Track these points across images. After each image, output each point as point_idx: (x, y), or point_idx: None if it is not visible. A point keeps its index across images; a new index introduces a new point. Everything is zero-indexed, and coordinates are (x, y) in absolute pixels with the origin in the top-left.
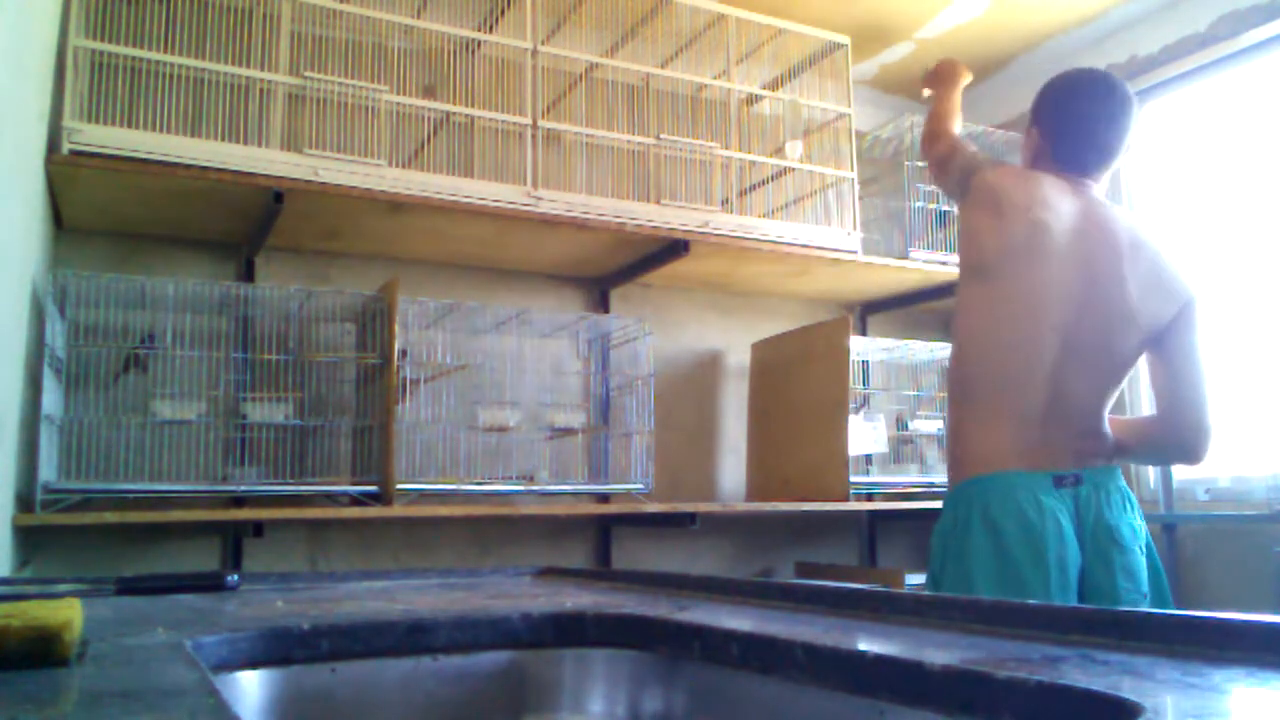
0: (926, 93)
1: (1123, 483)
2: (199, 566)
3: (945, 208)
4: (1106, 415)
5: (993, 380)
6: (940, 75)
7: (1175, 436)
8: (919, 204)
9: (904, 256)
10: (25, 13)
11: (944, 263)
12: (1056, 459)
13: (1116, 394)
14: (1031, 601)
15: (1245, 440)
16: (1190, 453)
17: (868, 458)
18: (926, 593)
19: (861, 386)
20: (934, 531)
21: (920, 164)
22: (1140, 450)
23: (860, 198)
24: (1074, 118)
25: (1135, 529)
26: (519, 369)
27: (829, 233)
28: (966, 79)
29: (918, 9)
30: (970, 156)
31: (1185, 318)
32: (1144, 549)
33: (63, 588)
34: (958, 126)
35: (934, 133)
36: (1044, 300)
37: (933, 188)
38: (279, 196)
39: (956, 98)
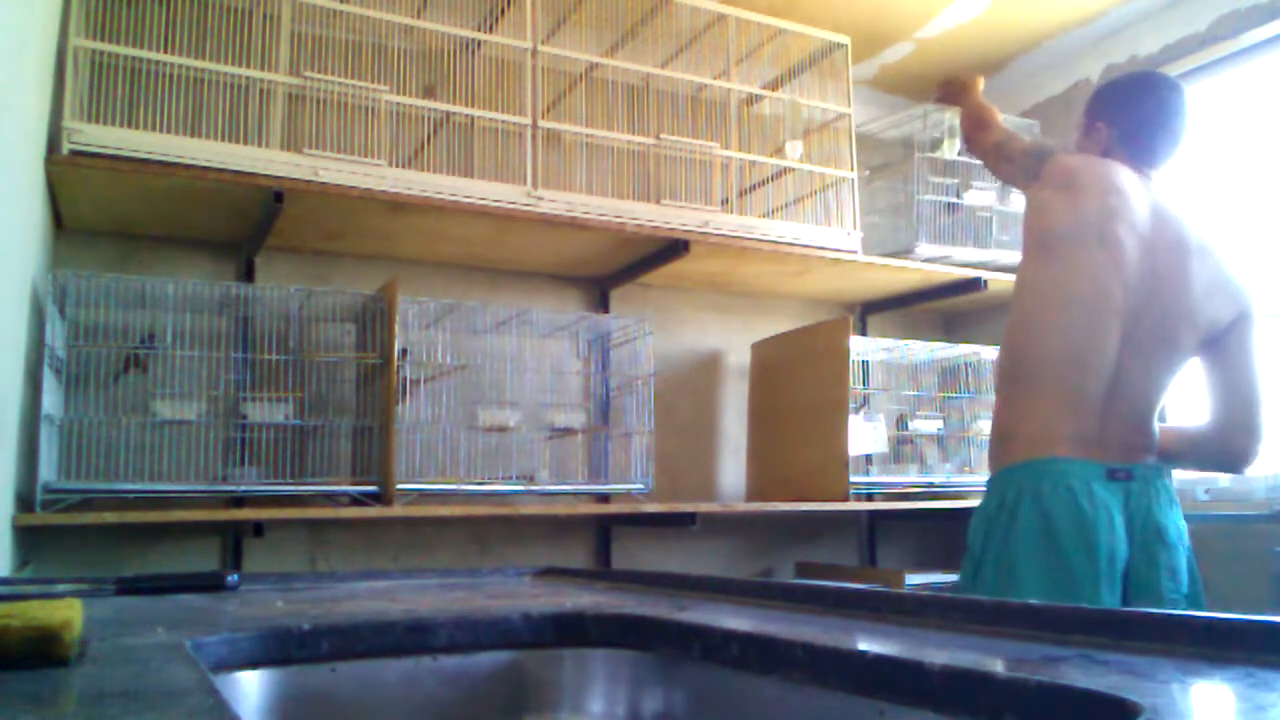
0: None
1: (1170, 481)
2: (199, 566)
3: (954, 200)
4: (1156, 414)
5: (1053, 361)
6: (952, 90)
7: (1226, 440)
8: (928, 197)
9: (909, 252)
10: (25, 13)
11: (948, 257)
12: (1109, 451)
13: (1167, 394)
14: (1045, 601)
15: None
16: (1241, 457)
17: (868, 458)
18: (962, 578)
19: (861, 386)
20: (976, 513)
21: (930, 154)
22: (1188, 455)
23: (870, 181)
24: (1150, 109)
25: (1180, 528)
26: (519, 369)
27: (829, 233)
28: (980, 85)
29: (918, 9)
30: (1036, 142)
31: (1244, 322)
32: (1186, 549)
33: (63, 588)
34: (1000, 118)
35: (982, 122)
36: (1111, 285)
37: (941, 179)
38: (279, 196)
39: (979, 98)
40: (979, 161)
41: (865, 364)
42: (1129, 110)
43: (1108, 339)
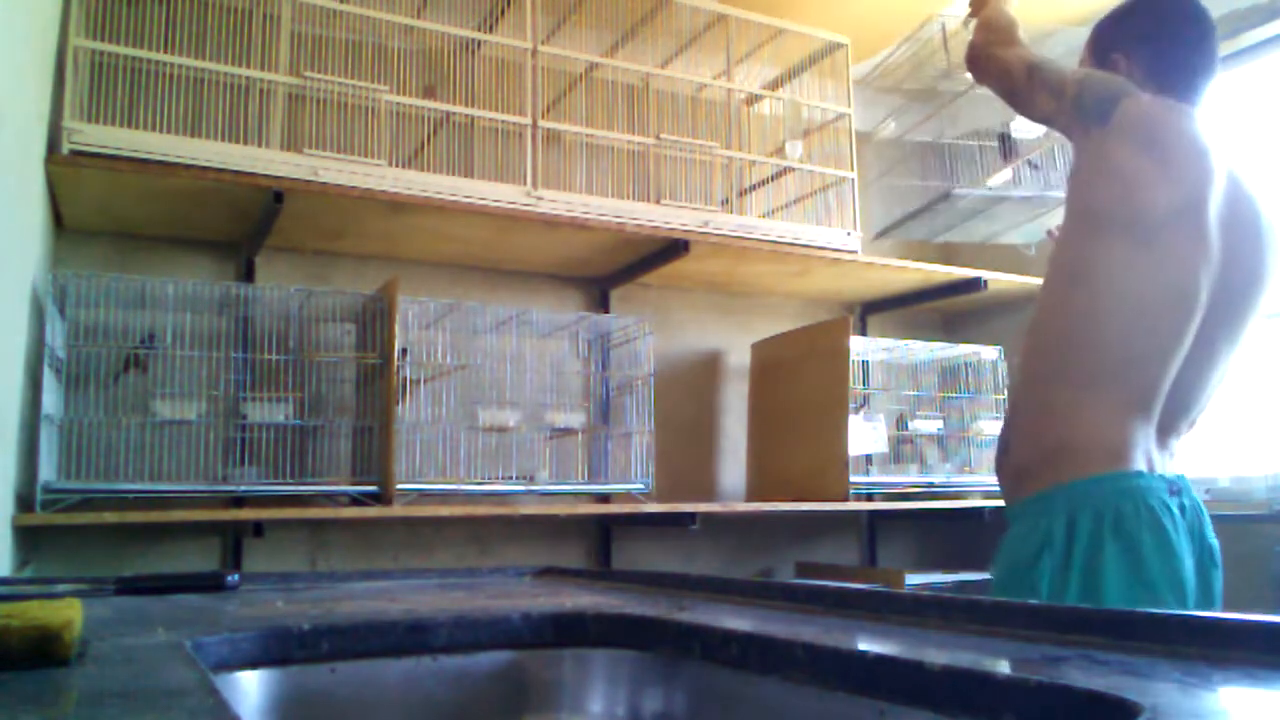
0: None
1: None
2: (199, 566)
3: (988, 143)
4: None
5: (1136, 363)
6: (985, 22)
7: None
8: (963, 141)
9: (946, 197)
10: (25, 13)
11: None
12: (1165, 461)
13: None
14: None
15: (1245, 440)
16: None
17: (868, 458)
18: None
19: (861, 386)
20: (1017, 541)
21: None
22: None
23: (888, 174)
24: (1183, 30)
25: (1217, 546)
26: (519, 369)
27: (829, 233)
28: None
29: (918, 9)
30: (1090, 74)
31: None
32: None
33: (63, 588)
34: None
35: (1007, 35)
36: (1202, 281)
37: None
38: (279, 196)
39: (1005, 7)
40: (988, 91)
41: (865, 364)
42: (1159, 34)
43: (1188, 340)
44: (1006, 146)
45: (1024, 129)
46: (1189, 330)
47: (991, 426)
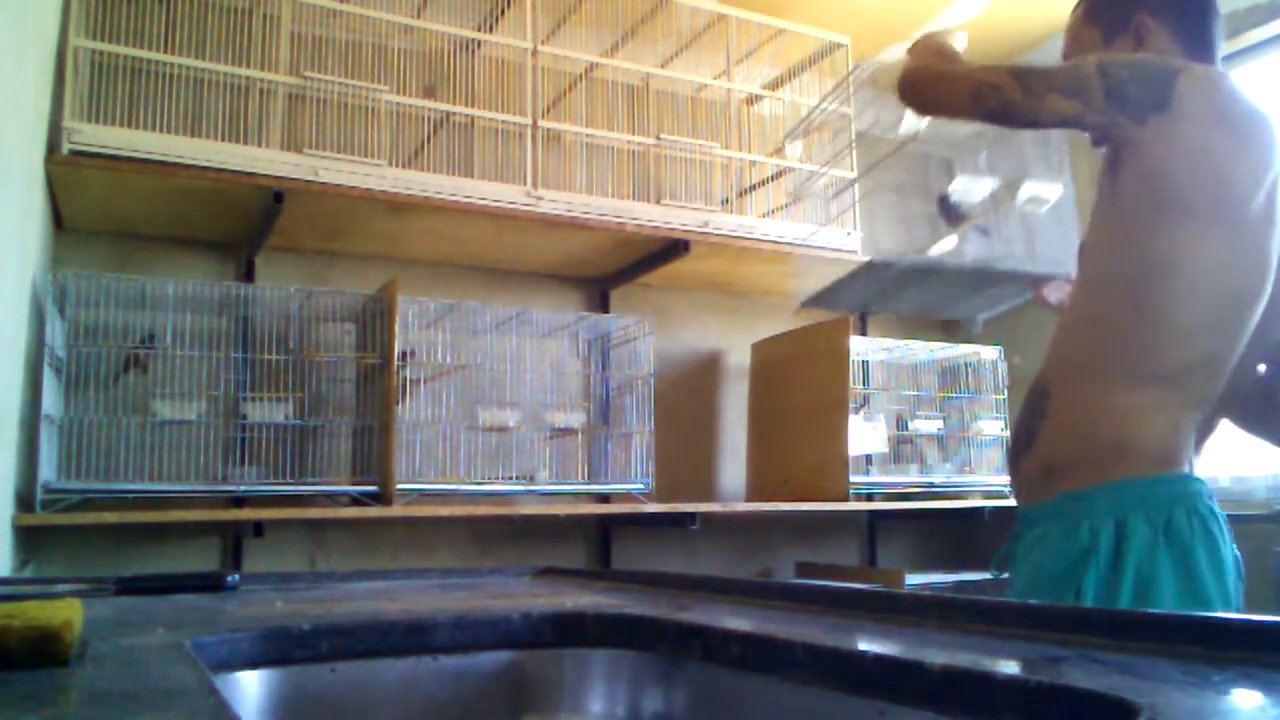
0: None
1: None
2: (199, 566)
3: None
4: None
5: (1206, 358)
6: (924, 49)
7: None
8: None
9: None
10: (25, 13)
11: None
12: (1197, 463)
13: None
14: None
15: (1245, 440)
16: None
17: (868, 458)
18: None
19: (861, 386)
20: (1052, 543)
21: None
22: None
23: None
24: None
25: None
26: (519, 369)
27: (829, 233)
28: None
29: (918, 9)
30: (1110, 59)
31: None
32: None
33: (63, 588)
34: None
35: (952, 59)
36: (1270, 274)
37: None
38: (279, 196)
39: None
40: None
41: (865, 364)
42: None
43: (1248, 333)
44: (948, 211)
45: (969, 191)
46: (1254, 324)
47: (992, 426)
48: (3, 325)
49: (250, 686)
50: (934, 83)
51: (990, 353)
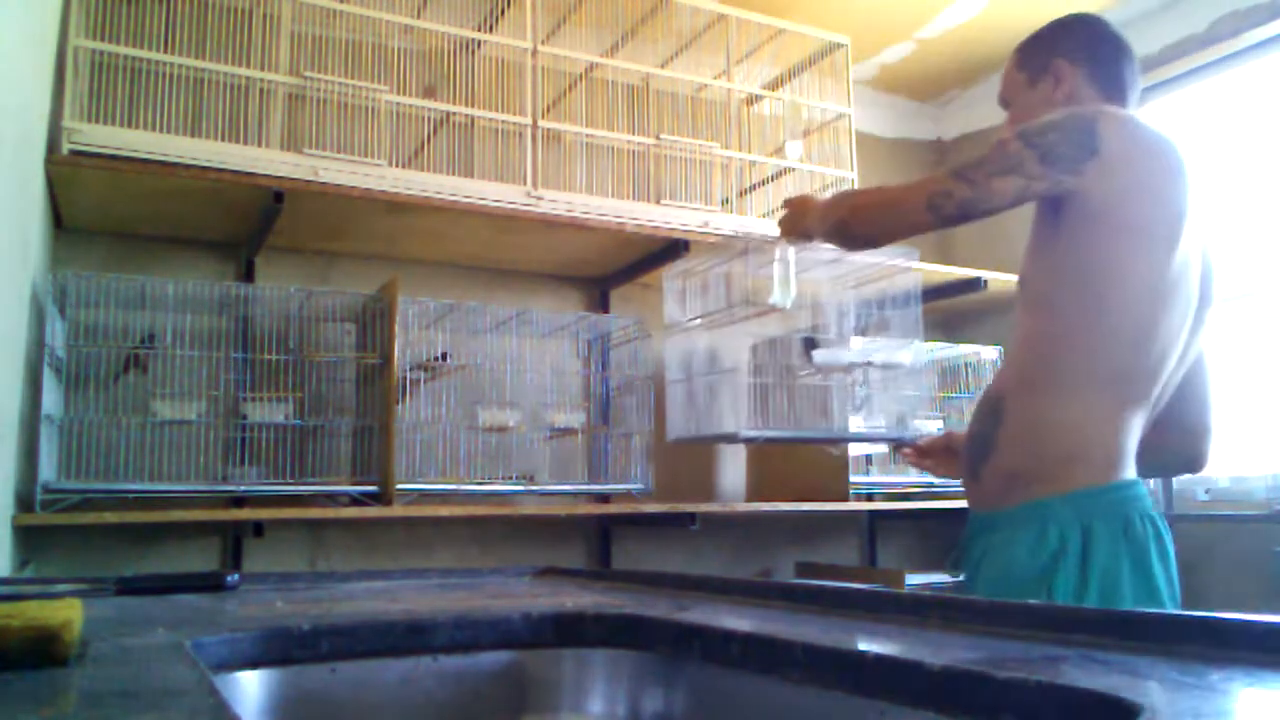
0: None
1: None
2: (199, 566)
3: None
4: None
5: (1145, 367)
6: (797, 212)
7: (1178, 440)
8: None
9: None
10: (25, 13)
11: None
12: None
13: None
14: (1031, 601)
15: (1245, 440)
16: (1196, 459)
17: (868, 458)
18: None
19: (862, 387)
20: (1021, 548)
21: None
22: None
23: None
24: (1115, 38)
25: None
26: (519, 369)
27: None
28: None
29: (918, 9)
30: (1028, 127)
31: (1207, 311)
32: None
33: (63, 588)
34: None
35: (866, 193)
36: (1194, 274)
37: None
38: (279, 196)
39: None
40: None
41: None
42: (1097, 41)
43: (1177, 347)
44: (809, 349)
45: (831, 356)
46: (1184, 337)
47: None
48: (3, 325)
49: (250, 686)
50: (884, 210)
51: (990, 353)
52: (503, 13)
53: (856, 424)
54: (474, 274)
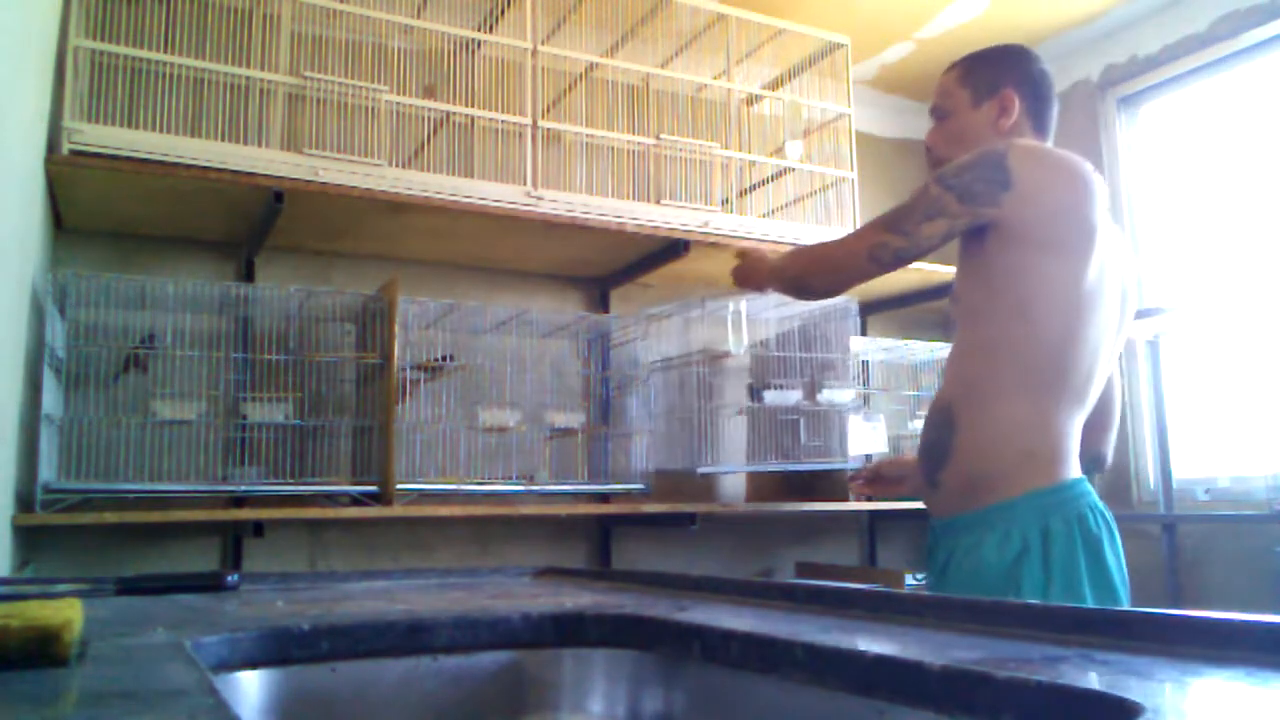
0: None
1: None
2: (199, 566)
3: None
4: None
5: (1082, 372)
6: (750, 268)
7: (1084, 439)
8: None
9: None
10: (25, 13)
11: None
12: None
13: None
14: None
15: (1245, 440)
16: (1098, 459)
17: (868, 458)
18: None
19: (861, 387)
20: (987, 549)
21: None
22: None
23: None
24: (1050, 82)
25: None
26: (519, 369)
27: (829, 233)
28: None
29: (918, 9)
30: (943, 173)
31: (1130, 320)
32: None
33: (63, 588)
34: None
35: (810, 252)
36: (1114, 278)
37: None
38: (279, 196)
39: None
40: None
41: (865, 364)
42: (1040, 79)
43: (1108, 353)
44: (755, 396)
45: (777, 397)
46: (1113, 337)
47: None
48: (3, 325)
49: (250, 686)
50: (832, 265)
51: None
52: (502, 13)
53: (857, 433)
54: (474, 274)
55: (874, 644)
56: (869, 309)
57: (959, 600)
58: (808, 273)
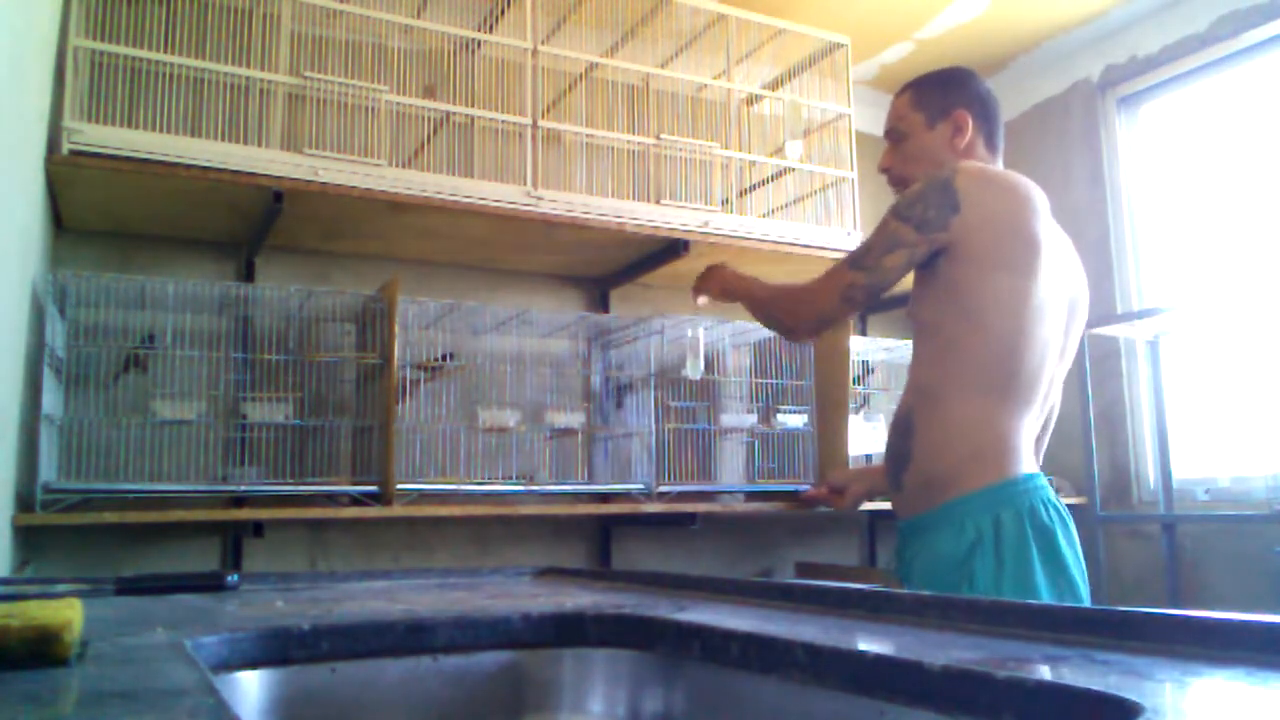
0: (701, 300)
1: None
2: (199, 566)
3: None
4: None
5: (1021, 369)
6: (713, 271)
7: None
8: None
9: None
10: (25, 13)
11: None
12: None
13: None
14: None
15: (1245, 440)
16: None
17: (868, 457)
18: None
19: (861, 387)
20: (944, 543)
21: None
22: None
23: None
24: (997, 104)
25: None
26: (519, 369)
27: (829, 233)
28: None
29: (918, 9)
30: (896, 208)
31: (1080, 325)
32: None
33: (63, 588)
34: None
35: (786, 290)
36: (1060, 284)
37: None
38: (279, 196)
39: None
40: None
41: (865, 364)
42: (989, 100)
43: (1055, 357)
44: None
45: (733, 420)
46: (1061, 339)
47: None
48: (3, 325)
49: (250, 686)
50: (803, 305)
51: None
52: (503, 13)
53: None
54: (474, 274)
55: (874, 644)
56: (869, 309)
57: (959, 600)
58: (786, 312)
